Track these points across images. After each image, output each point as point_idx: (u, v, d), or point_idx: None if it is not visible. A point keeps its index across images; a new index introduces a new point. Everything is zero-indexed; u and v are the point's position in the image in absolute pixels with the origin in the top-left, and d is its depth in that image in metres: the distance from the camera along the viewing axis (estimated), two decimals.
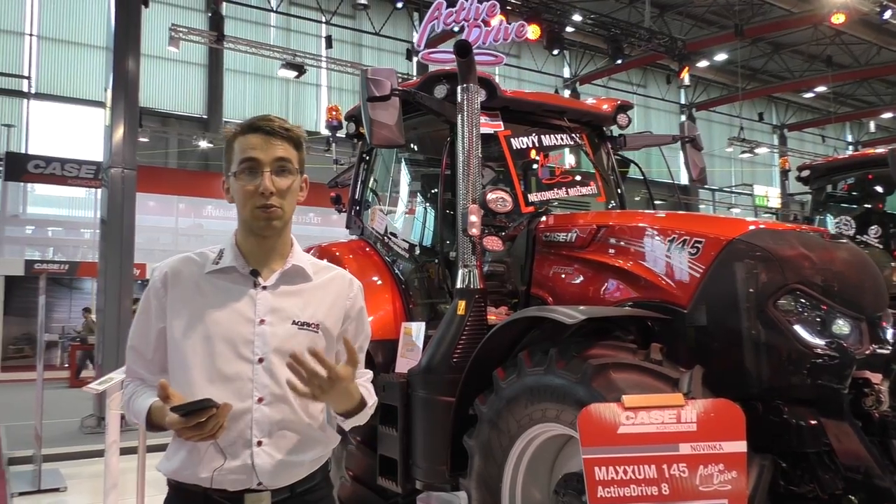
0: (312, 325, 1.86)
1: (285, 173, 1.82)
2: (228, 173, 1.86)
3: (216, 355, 1.78)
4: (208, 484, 1.74)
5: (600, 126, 4.93)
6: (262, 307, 1.82)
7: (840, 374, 2.71)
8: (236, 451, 1.75)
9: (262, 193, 1.78)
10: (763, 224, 3.28)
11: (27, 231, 18.46)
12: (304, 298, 1.88)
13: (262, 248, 1.87)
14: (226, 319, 1.80)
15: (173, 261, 1.90)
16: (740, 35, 20.48)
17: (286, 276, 1.88)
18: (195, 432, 1.62)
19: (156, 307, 1.85)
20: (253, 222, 1.82)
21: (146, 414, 1.76)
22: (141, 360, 1.89)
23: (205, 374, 1.77)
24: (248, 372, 1.78)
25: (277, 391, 1.78)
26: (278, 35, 23.47)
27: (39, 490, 6.18)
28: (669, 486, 2.17)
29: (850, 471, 2.74)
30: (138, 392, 1.85)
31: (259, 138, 1.81)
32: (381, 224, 4.82)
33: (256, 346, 1.79)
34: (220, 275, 1.85)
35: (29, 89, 20.03)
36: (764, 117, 31.83)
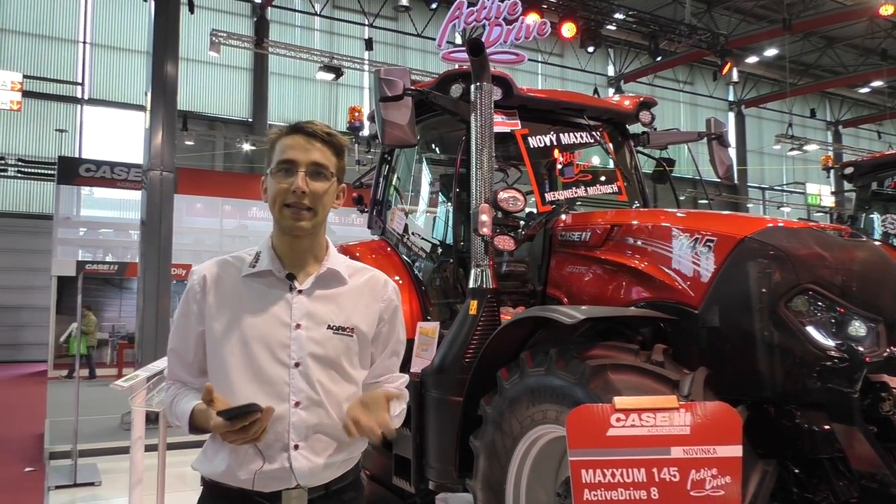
0: (347, 330, 1.87)
1: (320, 178, 1.82)
2: (267, 172, 1.87)
3: (254, 358, 1.79)
4: (249, 486, 1.76)
5: (622, 123, 4.84)
6: (298, 311, 1.83)
7: (850, 377, 2.60)
8: (274, 454, 1.76)
9: (294, 192, 1.78)
10: (780, 222, 3.18)
11: (80, 233, 19.05)
12: (339, 302, 1.89)
13: (296, 250, 1.87)
14: (263, 323, 1.81)
15: (211, 264, 1.91)
16: (789, 29, 19.93)
17: (321, 279, 1.88)
18: (239, 435, 1.64)
19: (195, 311, 1.86)
20: (281, 220, 1.83)
21: (189, 417, 1.78)
22: (181, 363, 1.90)
23: (244, 377, 1.78)
24: (284, 376, 1.79)
25: (313, 395, 1.80)
26: (322, 38, 23.79)
27: (75, 484, 6.38)
28: (659, 491, 2.12)
29: (865, 478, 2.63)
30: (180, 395, 1.87)
31: (299, 140, 1.83)
32: (401, 224, 4.83)
33: (293, 350, 1.80)
34: (257, 278, 1.86)
35: (82, 95, 20.72)
36: (817, 113, 30.93)
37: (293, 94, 23.67)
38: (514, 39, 6.17)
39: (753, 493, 2.41)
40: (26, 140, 20.01)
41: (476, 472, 3.28)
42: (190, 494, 6.13)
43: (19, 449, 8.28)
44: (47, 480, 6.60)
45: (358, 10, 23.00)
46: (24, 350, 18.87)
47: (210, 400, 1.66)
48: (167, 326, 9.92)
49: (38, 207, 20.01)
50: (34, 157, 19.72)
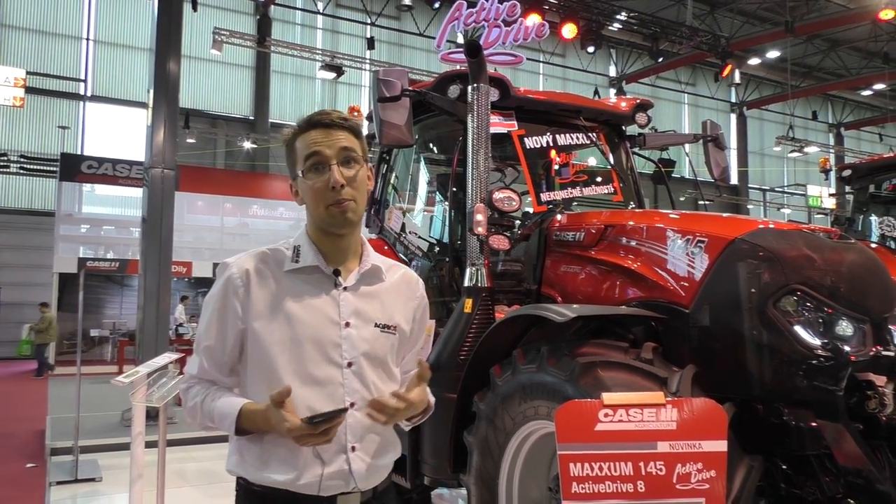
0: (391, 328, 1.84)
1: (352, 163, 1.77)
2: (296, 175, 1.80)
3: (305, 359, 1.72)
4: (311, 491, 1.70)
5: (618, 125, 4.89)
6: (346, 309, 1.78)
7: (836, 376, 2.65)
8: (332, 457, 1.71)
9: (334, 188, 1.72)
10: (770, 224, 3.23)
11: (81, 230, 19.11)
12: (381, 300, 1.85)
13: (338, 247, 1.82)
14: (312, 321, 1.75)
15: (249, 258, 1.81)
16: (791, 32, 19.96)
17: (365, 276, 1.84)
18: (317, 439, 1.60)
19: (236, 307, 1.76)
20: (329, 220, 1.76)
21: (236, 417, 1.70)
22: (214, 362, 1.80)
23: (296, 378, 1.71)
24: (338, 376, 1.74)
25: (368, 396, 1.75)
26: (325, 37, 23.85)
27: (76, 480, 6.44)
28: (645, 484, 2.16)
29: (851, 474, 2.69)
30: (212, 394, 1.78)
31: (320, 133, 1.77)
32: (398, 223, 4.88)
33: (344, 349, 1.75)
34: (301, 274, 1.79)
35: (85, 92, 20.79)
36: (819, 116, 30.96)
37: (295, 93, 23.73)
38: (513, 41, 6.21)
39: (739, 487, 2.46)
40: (29, 136, 20.08)
41: (470, 467, 3.33)
42: (189, 490, 6.21)
43: (21, 445, 8.34)
44: (48, 476, 6.66)
45: (360, 9, 23.07)
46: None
47: (281, 401, 1.60)
48: (167, 324, 10.00)
49: (41, 204, 20.08)
50: (36, 153, 19.79)
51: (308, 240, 1.81)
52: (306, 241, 1.81)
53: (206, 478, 6.63)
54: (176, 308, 15.75)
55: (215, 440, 7.85)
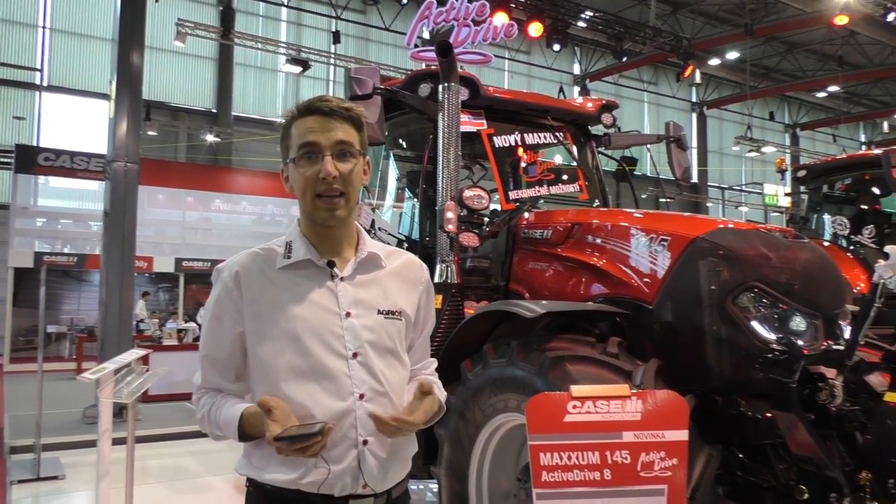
0: (396, 314, 1.79)
1: (347, 157, 1.70)
2: (287, 160, 1.74)
3: (309, 354, 1.67)
4: (314, 489, 1.64)
5: (584, 125, 5.01)
6: (345, 299, 1.73)
7: (789, 368, 2.79)
8: (342, 454, 1.64)
9: (324, 179, 1.67)
10: (730, 224, 3.36)
11: (38, 223, 18.68)
12: (382, 286, 1.80)
13: (330, 238, 1.77)
14: (310, 315, 1.69)
15: (241, 259, 1.78)
16: (750, 34, 20.43)
17: (362, 264, 1.79)
18: (296, 453, 1.55)
19: (231, 311, 1.73)
20: (315, 212, 1.72)
21: (238, 423, 1.66)
22: (217, 369, 1.77)
23: (299, 375, 1.66)
24: (343, 368, 1.68)
25: (377, 386, 1.70)
26: (289, 29, 23.64)
27: (38, 478, 6.34)
28: (611, 472, 2.26)
29: (803, 462, 2.83)
30: (218, 402, 1.74)
31: (317, 120, 1.69)
32: (367, 219, 4.92)
33: (347, 340, 1.70)
34: (294, 269, 1.74)
35: (41, 82, 20.29)
36: (776, 116, 31.72)
37: (258, 85, 23.48)
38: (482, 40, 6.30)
39: (699, 474, 2.58)
40: None
41: (441, 459, 3.41)
42: (157, 487, 6.17)
43: None
44: (9, 475, 6.54)
45: (326, 2, 22.92)
46: None
47: (269, 409, 1.56)
48: (131, 320, 9.87)
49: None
50: None
51: (299, 234, 1.78)
52: (297, 235, 1.77)
53: (172, 474, 6.60)
54: (137, 304, 15.52)
55: (181, 437, 7.82)
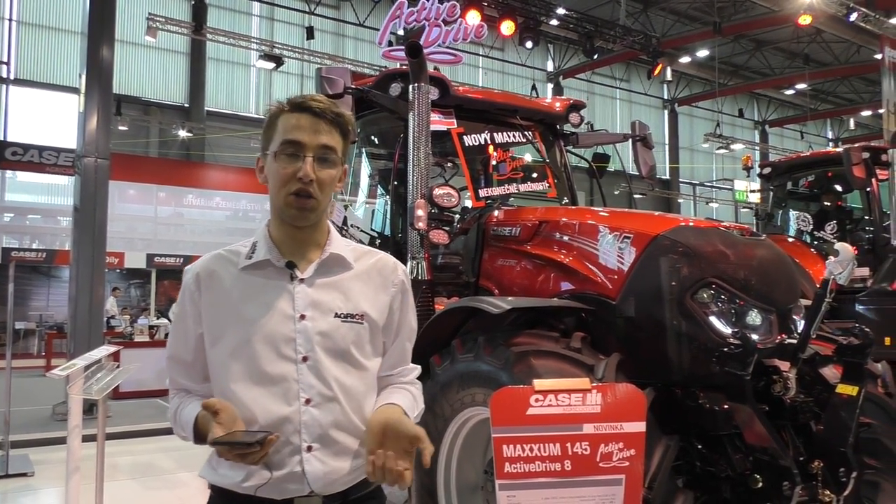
0: (357, 317, 1.73)
1: (328, 164, 1.68)
2: (266, 151, 1.71)
3: (257, 357, 1.65)
4: (253, 492, 1.61)
5: (553, 124, 5.10)
6: (301, 301, 1.69)
7: (743, 361, 2.90)
8: (283, 460, 1.61)
9: (301, 179, 1.64)
10: (690, 222, 3.47)
11: (5, 219, 18.40)
12: (345, 289, 1.74)
13: (297, 239, 1.74)
14: (263, 318, 1.67)
15: (204, 260, 1.78)
16: (719, 32, 20.75)
17: (324, 265, 1.74)
18: (237, 459, 1.52)
19: (192, 312, 1.73)
20: (285, 210, 1.69)
21: (193, 426, 1.66)
22: (182, 370, 1.77)
23: (247, 379, 1.65)
24: (292, 372, 1.65)
25: (325, 391, 1.66)
26: (262, 24, 23.48)
27: (7, 475, 6.30)
28: (572, 463, 2.34)
29: (757, 452, 2.94)
30: (183, 403, 1.74)
31: (307, 119, 1.66)
32: (339, 216, 4.97)
33: (299, 343, 1.66)
34: (255, 270, 1.72)
35: (7, 75, 19.93)
36: (745, 113, 32.21)
37: (230, 80, 23.30)
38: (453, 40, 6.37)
39: (657, 464, 2.68)
40: None
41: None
42: (127, 483, 6.17)
43: None
44: None
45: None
46: None
47: (215, 412, 1.54)
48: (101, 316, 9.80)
49: None
50: None
51: (265, 234, 1.76)
52: (264, 235, 1.75)
53: (143, 471, 6.59)
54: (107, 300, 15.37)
55: (152, 434, 7.80)
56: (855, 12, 15.24)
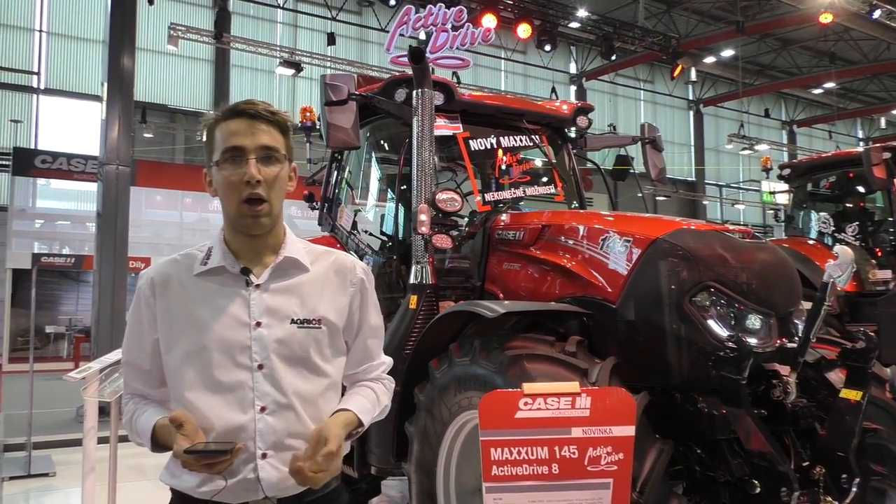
0: (313, 322, 1.73)
1: (272, 161, 1.69)
2: (210, 164, 1.71)
3: (212, 365, 1.65)
4: (209, 497, 1.65)
5: (560, 128, 5.09)
6: (257, 308, 1.69)
7: (738, 365, 2.87)
8: (238, 467, 1.62)
9: (248, 182, 1.64)
10: (691, 225, 3.45)
11: (36, 225, 18.80)
12: (301, 293, 1.74)
13: (252, 246, 1.74)
14: (218, 325, 1.67)
15: (159, 265, 1.78)
16: (742, 32, 20.51)
17: (279, 269, 1.74)
18: (203, 469, 1.55)
19: (147, 317, 1.73)
20: (239, 220, 1.69)
21: (150, 434, 1.68)
22: (138, 375, 1.78)
23: (202, 387, 1.65)
24: (247, 380, 1.66)
25: (281, 399, 1.67)
26: (285, 31, 23.73)
27: (29, 475, 6.46)
28: (559, 466, 2.35)
29: (756, 457, 2.92)
30: (139, 410, 1.75)
31: (242, 123, 1.68)
32: (348, 221, 5.02)
33: (254, 351, 1.67)
34: (210, 276, 1.72)
35: (38, 85, 20.39)
36: (772, 113, 31.78)
37: (255, 87, 23.58)
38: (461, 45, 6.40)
39: (649, 468, 2.67)
40: None
41: (410, 455, 3.50)
42: (144, 484, 6.27)
43: None
44: (1, 471, 6.65)
45: (321, 4, 22.99)
46: None
47: (179, 424, 1.56)
48: (123, 320, 9.99)
49: None
50: None
51: (220, 240, 1.75)
52: (219, 241, 1.75)
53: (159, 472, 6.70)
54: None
55: None
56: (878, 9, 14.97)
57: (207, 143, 1.74)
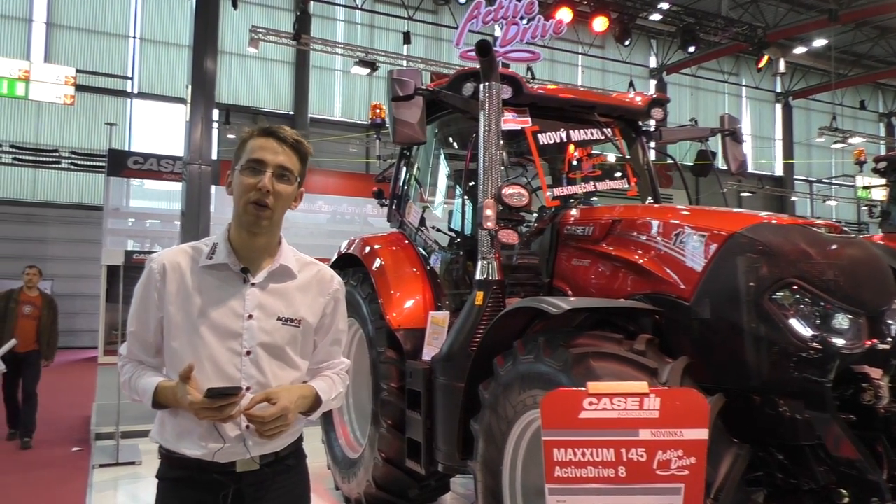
0: (295, 321, 2.05)
1: (285, 180, 1.99)
2: (235, 168, 2.02)
3: (207, 347, 1.96)
4: (209, 458, 1.95)
5: (634, 120, 4.93)
6: (251, 303, 2.00)
7: (823, 367, 2.69)
8: (229, 434, 1.95)
9: (260, 189, 1.94)
10: (773, 219, 3.27)
11: (128, 223, 19.69)
12: (288, 295, 2.06)
13: (252, 246, 2.04)
14: (217, 314, 1.98)
15: (170, 253, 2.07)
16: (835, 20, 19.48)
17: (274, 274, 2.06)
18: (215, 414, 1.83)
19: (155, 298, 2.01)
20: (244, 216, 1.98)
21: (153, 393, 1.96)
22: (141, 345, 2.06)
23: (197, 366, 1.91)
24: (237, 363, 1.97)
25: (262, 380, 1.99)
26: (363, 32, 24.08)
27: (118, 463, 6.75)
28: (626, 469, 2.25)
29: (843, 465, 2.73)
30: (138, 373, 2.03)
31: (270, 142, 1.99)
32: (416, 217, 5.01)
33: (244, 339, 1.98)
34: (213, 270, 2.02)
35: (131, 89, 21.38)
36: (868, 105, 30.10)
37: (334, 88, 24.02)
38: (531, 38, 6.28)
39: (724, 474, 2.53)
40: (79, 133, 20.72)
41: (476, 454, 3.45)
42: None
43: (68, 430, 8.73)
44: (92, 459, 6.99)
45: (399, 4, 23.21)
46: (78, 337, 19.59)
47: (188, 377, 1.84)
48: None
49: (90, 198, 20.73)
50: (86, 149, 20.43)
51: (225, 238, 2.05)
52: (223, 239, 2.05)
53: None
54: None
55: None
56: None
57: (237, 151, 2.04)
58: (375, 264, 4.86)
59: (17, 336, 7.50)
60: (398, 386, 4.44)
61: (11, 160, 19.38)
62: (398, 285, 4.66)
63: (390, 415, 4.47)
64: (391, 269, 4.76)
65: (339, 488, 5.32)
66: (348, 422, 5.55)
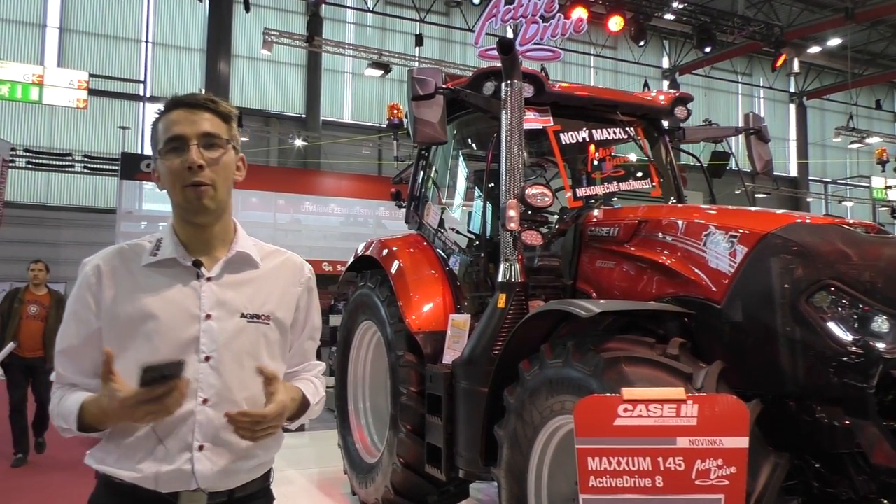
0: (263, 317, 1.74)
1: (214, 147, 1.69)
2: (155, 156, 1.73)
3: (158, 355, 1.61)
4: (148, 485, 1.61)
5: (657, 119, 4.84)
6: (208, 301, 1.69)
7: (866, 372, 2.59)
8: (174, 455, 1.61)
9: (190, 168, 1.65)
10: (807, 218, 3.17)
11: (141, 226, 19.72)
12: (252, 288, 1.76)
13: (201, 236, 1.75)
14: (167, 317, 1.66)
15: (106, 253, 1.76)
16: (851, 19, 19.28)
17: (231, 264, 1.75)
18: (154, 407, 1.49)
19: (91, 305, 1.69)
20: (185, 205, 1.69)
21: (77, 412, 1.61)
22: (73, 365, 1.72)
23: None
24: (193, 371, 1.63)
25: (224, 392, 1.66)
26: (375, 34, 24.06)
27: None
28: (664, 479, 2.17)
29: (885, 474, 2.63)
30: (66, 396, 1.68)
31: (182, 113, 1.69)
32: (435, 219, 4.94)
33: (203, 343, 1.66)
34: (160, 267, 1.71)
35: (144, 93, 21.43)
36: (884, 105, 29.79)
37: (346, 90, 24.01)
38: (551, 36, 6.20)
39: (764, 484, 2.44)
40: (92, 137, 20.79)
41: (500, 460, 3.37)
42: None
43: None
44: None
45: (410, 6, 23.18)
46: None
47: (109, 371, 1.52)
48: None
49: (103, 202, 20.79)
50: (99, 153, 20.49)
51: (171, 231, 1.75)
52: (169, 232, 1.75)
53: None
54: None
55: None
56: None
57: (152, 139, 1.75)
58: (394, 267, 4.79)
59: (20, 339, 6.88)
60: (418, 390, 4.37)
61: (25, 164, 19.45)
62: (417, 288, 4.59)
63: (409, 419, 4.40)
64: (410, 272, 4.69)
65: (356, 493, 5.25)
66: (365, 426, 5.49)
